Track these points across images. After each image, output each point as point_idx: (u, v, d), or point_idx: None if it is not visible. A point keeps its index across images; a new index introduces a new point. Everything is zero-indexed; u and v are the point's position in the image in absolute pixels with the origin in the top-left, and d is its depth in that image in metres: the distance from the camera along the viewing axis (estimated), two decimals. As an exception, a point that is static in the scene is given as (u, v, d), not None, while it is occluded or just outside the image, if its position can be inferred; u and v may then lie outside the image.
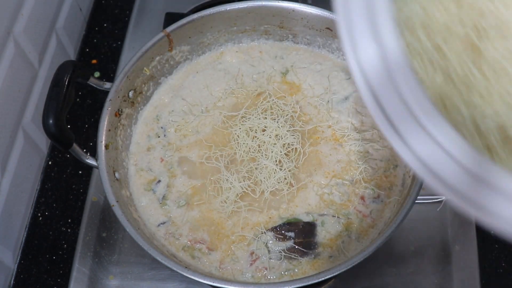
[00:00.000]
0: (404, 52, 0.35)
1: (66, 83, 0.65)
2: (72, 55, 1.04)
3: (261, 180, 0.71)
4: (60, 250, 0.84)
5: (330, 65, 0.82)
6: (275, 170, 0.71)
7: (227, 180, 0.71)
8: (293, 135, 0.74)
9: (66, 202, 0.89)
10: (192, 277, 0.61)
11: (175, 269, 0.61)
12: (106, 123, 0.72)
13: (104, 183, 0.67)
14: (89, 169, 0.90)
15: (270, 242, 0.69)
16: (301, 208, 0.71)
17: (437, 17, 0.36)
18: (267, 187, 0.71)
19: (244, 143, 0.73)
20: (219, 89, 0.82)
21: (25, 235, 0.86)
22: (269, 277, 0.67)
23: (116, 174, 0.72)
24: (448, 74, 0.36)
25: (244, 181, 0.71)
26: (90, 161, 0.68)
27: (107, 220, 0.84)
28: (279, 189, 0.71)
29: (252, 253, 0.68)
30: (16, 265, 0.83)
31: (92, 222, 0.84)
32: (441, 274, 0.78)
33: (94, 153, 0.70)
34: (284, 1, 0.79)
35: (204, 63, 0.85)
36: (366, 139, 0.75)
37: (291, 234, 0.69)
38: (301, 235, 0.69)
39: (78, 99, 0.98)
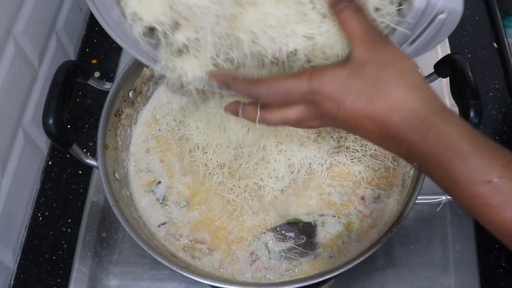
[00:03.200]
0: None
1: (66, 83, 0.65)
2: (72, 55, 1.04)
3: (263, 187, 0.71)
4: (60, 250, 0.84)
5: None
6: (279, 175, 0.71)
7: (232, 198, 0.71)
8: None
9: (66, 202, 0.89)
10: (192, 277, 0.61)
11: (175, 269, 0.61)
12: (106, 123, 0.72)
13: (104, 183, 0.67)
14: (89, 169, 0.90)
15: (270, 242, 0.69)
16: (302, 208, 0.71)
17: None
18: (270, 195, 0.71)
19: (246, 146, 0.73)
20: (219, 89, 0.81)
21: (25, 235, 0.86)
22: (269, 277, 0.67)
23: (116, 174, 0.72)
24: None
25: (247, 191, 0.71)
26: (90, 161, 0.68)
27: (107, 220, 0.84)
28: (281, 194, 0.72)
29: (252, 254, 0.68)
30: (16, 265, 0.83)
31: (92, 222, 0.84)
32: (441, 274, 0.78)
33: (94, 153, 0.70)
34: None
35: (204, 63, 0.84)
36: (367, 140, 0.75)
37: (291, 234, 0.69)
38: (301, 235, 0.69)
39: (78, 99, 0.98)
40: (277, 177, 0.71)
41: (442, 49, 0.99)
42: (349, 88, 0.43)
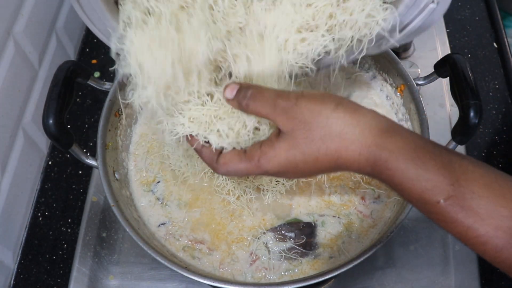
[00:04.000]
0: None
1: (66, 83, 0.65)
2: (72, 55, 1.04)
3: (263, 192, 0.71)
4: (60, 250, 0.84)
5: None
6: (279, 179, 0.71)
7: (232, 200, 0.71)
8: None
9: (66, 202, 0.89)
10: (192, 277, 0.61)
11: (175, 269, 0.61)
12: (106, 123, 0.72)
13: (104, 183, 0.67)
14: (89, 169, 0.90)
15: (270, 242, 0.69)
16: (302, 208, 0.71)
17: None
18: (270, 199, 0.71)
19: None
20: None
21: (25, 235, 0.86)
22: (269, 277, 0.67)
23: (116, 174, 0.72)
24: None
25: (247, 193, 0.71)
26: (90, 161, 0.68)
27: (107, 220, 0.84)
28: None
29: (252, 254, 0.68)
30: (16, 265, 0.83)
31: (92, 222, 0.84)
32: (440, 274, 0.78)
33: (94, 153, 0.70)
34: None
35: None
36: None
37: (291, 234, 0.69)
38: (301, 235, 0.69)
39: (78, 99, 0.98)
40: (277, 180, 0.71)
41: (442, 49, 0.99)
42: (293, 161, 0.47)
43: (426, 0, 0.51)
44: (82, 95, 0.99)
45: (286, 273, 0.67)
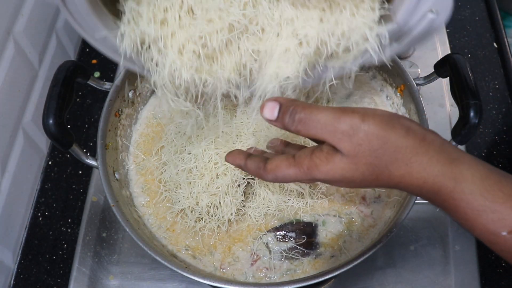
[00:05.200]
0: None
1: (66, 83, 0.64)
2: (72, 55, 1.04)
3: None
4: (60, 250, 0.84)
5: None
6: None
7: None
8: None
9: (66, 202, 0.89)
10: (192, 277, 0.60)
11: (175, 269, 0.60)
12: (106, 123, 0.72)
13: (104, 183, 0.67)
14: (89, 169, 0.90)
15: (271, 242, 0.69)
16: (302, 208, 0.71)
17: None
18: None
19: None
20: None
21: (25, 235, 0.86)
22: (270, 277, 0.67)
23: (116, 174, 0.72)
24: None
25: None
26: (90, 161, 0.68)
27: (107, 220, 0.84)
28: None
29: (253, 254, 0.68)
30: (16, 265, 0.83)
31: (92, 222, 0.84)
32: (440, 274, 0.78)
33: (94, 153, 0.70)
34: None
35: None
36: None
37: (292, 234, 0.69)
38: (302, 235, 0.69)
39: (78, 99, 0.98)
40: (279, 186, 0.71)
41: (442, 49, 0.99)
42: (349, 177, 0.44)
43: (424, 10, 0.50)
44: (82, 95, 0.99)
45: (287, 273, 0.67)
